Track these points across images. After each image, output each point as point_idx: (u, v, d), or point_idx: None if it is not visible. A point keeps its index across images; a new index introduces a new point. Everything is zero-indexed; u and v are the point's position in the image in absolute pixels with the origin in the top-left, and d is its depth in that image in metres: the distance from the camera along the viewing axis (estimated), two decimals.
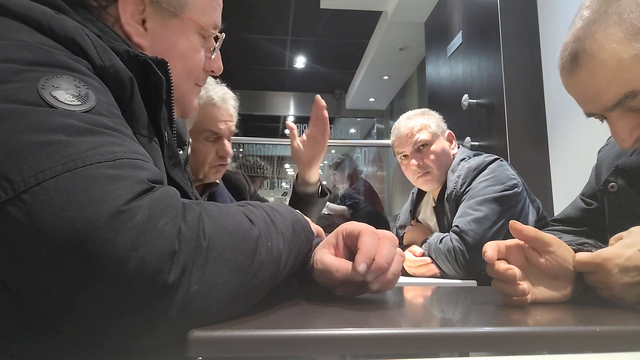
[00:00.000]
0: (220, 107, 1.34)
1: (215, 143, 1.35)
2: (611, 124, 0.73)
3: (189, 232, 0.43)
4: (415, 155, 1.65)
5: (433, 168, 1.63)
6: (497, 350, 0.45)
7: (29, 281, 0.40)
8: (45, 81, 0.46)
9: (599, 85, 0.69)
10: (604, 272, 0.58)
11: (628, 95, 0.67)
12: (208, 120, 1.32)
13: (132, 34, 0.67)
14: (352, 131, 7.47)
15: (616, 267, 0.57)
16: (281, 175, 8.74)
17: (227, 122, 1.36)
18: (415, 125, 1.65)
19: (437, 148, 1.64)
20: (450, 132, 1.71)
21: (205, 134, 1.32)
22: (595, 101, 0.71)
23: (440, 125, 1.69)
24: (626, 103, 0.68)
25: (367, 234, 0.58)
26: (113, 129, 0.48)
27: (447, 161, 1.65)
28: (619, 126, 0.71)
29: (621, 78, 0.67)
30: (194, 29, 0.72)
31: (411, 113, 1.73)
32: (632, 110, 0.69)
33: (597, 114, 0.74)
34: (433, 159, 1.63)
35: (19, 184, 0.40)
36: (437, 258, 1.50)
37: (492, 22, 2.23)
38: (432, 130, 1.65)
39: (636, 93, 0.67)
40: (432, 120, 1.68)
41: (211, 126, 1.32)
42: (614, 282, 0.58)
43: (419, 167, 1.64)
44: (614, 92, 0.68)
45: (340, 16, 4.41)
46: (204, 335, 0.42)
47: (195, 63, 0.74)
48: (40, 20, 0.51)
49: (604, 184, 0.85)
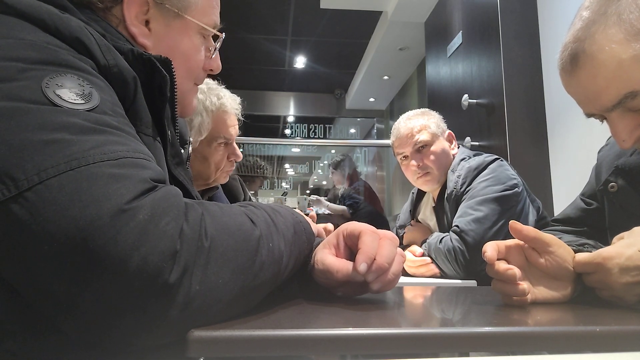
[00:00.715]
0: (230, 112, 1.36)
1: (227, 148, 1.37)
2: (611, 124, 0.73)
3: (191, 232, 0.43)
4: (415, 155, 1.65)
5: (433, 168, 1.63)
6: (497, 350, 0.45)
7: (31, 279, 0.41)
8: (50, 80, 0.46)
9: (599, 86, 0.69)
10: (604, 271, 0.58)
11: (628, 95, 0.67)
12: (221, 127, 1.34)
13: (137, 35, 0.67)
14: (352, 131, 7.47)
15: (616, 267, 0.57)
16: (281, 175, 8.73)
17: (236, 126, 1.39)
18: (415, 125, 1.65)
19: (437, 148, 1.64)
20: (450, 132, 1.71)
21: (220, 140, 1.34)
22: (595, 102, 0.71)
23: (440, 126, 1.69)
24: (626, 103, 0.68)
25: (367, 234, 0.58)
26: (117, 128, 0.48)
27: (447, 161, 1.65)
28: (619, 127, 0.71)
29: (621, 78, 0.67)
30: (195, 29, 0.73)
31: (411, 113, 1.73)
32: (632, 110, 0.69)
33: (597, 115, 0.74)
34: (433, 160, 1.63)
35: (22, 182, 0.40)
36: (437, 258, 1.50)
37: (492, 22, 2.23)
38: (432, 130, 1.65)
39: (636, 94, 0.67)
40: (432, 120, 1.68)
41: (225, 132, 1.34)
42: (614, 282, 0.58)
43: (419, 168, 1.64)
44: (613, 92, 0.68)
45: (340, 16, 4.41)
46: (205, 335, 0.42)
47: (196, 63, 0.75)
48: (45, 20, 0.52)
49: (604, 184, 0.85)
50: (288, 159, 8.63)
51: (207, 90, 1.33)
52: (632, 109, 0.69)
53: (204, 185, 1.38)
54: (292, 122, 7.19)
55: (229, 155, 1.37)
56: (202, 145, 1.31)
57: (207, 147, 1.32)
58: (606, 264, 0.58)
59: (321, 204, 3.89)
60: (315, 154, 8.21)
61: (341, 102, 6.75)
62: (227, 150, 1.37)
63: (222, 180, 1.41)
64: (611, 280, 0.58)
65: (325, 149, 7.96)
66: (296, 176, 8.71)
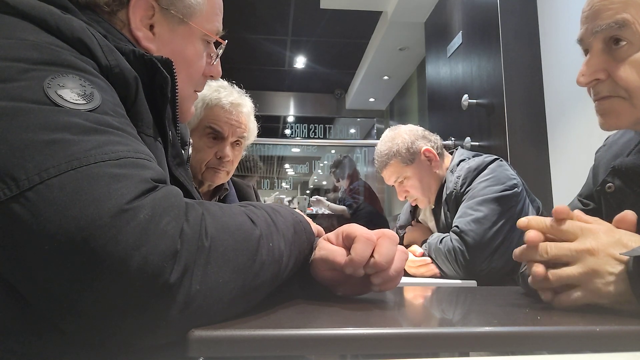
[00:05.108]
0: (226, 108, 1.35)
1: (216, 143, 1.35)
2: (588, 56, 0.75)
3: (191, 232, 0.44)
4: (399, 189, 1.70)
5: (418, 195, 1.67)
6: (497, 350, 0.45)
7: (32, 279, 0.41)
8: (51, 80, 0.46)
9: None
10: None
11: (618, 22, 0.70)
12: (211, 118, 1.33)
13: (141, 39, 0.68)
14: (352, 131, 7.47)
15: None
16: (281, 175, 8.73)
17: (233, 125, 1.36)
18: (387, 163, 1.66)
19: (415, 178, 1.65)
20: (426, 149, 1.64)
21: (206, 130, 1.33)
22: (595, 18, 0.73)
23: (412, 149, 1.63)
24: (611, 32, 0.71)
25: (361, 242, 0.58)
26: (118, 128, 0.48)
27: (430, 180, 1.66)
28: (590, 61, 0.74)
29: (623, 3, 0.69)
30: (198, 35, 0.74)
31: (380, 148, 1.69)
32: (610, 53, 0.72)
33: (585, 41, 0.76)
34: (415, 188, 1.66)
35: (23, 181, 0.40)
36: (437, 258, 1.50)
37: (492, 22, 2.23)
38: (402, 164, 1.63)
39: (622, 23, 0.70)
40: (401, 150, 1.63)
41: (212, 123, 1.33)
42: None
43: (406, 198, 1.71)
44: (609, 14, 0.71)
45: (340, 16, 4.40)
46: (205, 335, 0.42)
47: (197, 69, 0.76)
48: (47, 20, 0.52)
49: (601, 184, 0.85)
50: (288, 159, 8.63)
51: (216, 87, 1.35)
52: (612, 49, 0.72)
53: (201, 184, 1.38)
54: (292, 122, 7.20)
55: (217, 152, 1.34)
56: (193, 136, 1.32)
57: (196, 137, 1.33)
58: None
59: (321, 204, 3.89)
60: (315, 154, 8.21)
61: (341, 102, 6.75)
62: (216, 147, 1.35)
63: (209, 179, 1.37)
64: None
65: (325, 149, 7.96)
66: (296, 176, 8.72)
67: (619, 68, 0.72)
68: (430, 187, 1.66)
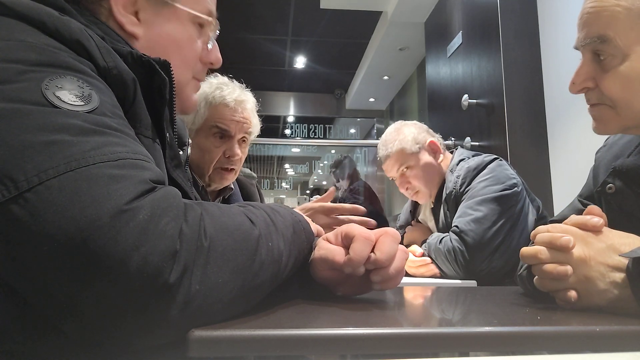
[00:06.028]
0: (230, 106, 1.32)
1: (224, 142, 1.33)
2: (579, 65, 0.78)
3: (190, 232, 0.44)
4: (400, 180, 1.69)
5: (420, 186, 1.66)
6: (497, 350, 0.45)
7: (31, 280, 0.41)
8: (49, 81, 0.46)
9: (597, 11, 0.72)
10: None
11: (600, 37, 0.72)
12: (216, 117, 1.31)
13: (125, 24, 0.66)
14: (352, 131, 7.48)
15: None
16: (281, 175, 8.74)
17: (240, 122, 1.34)
18: (392, 153, 1.66)
19: (419, 167, 1.64)
20: (431, 141, 1.67)
21: (212, 130, 1.30)
22: (588, 27, 0.75)
23: (418, 139, 1.65)
24: (594, 46, 0.74)
25: (359, 241, 0.58)
26: (116, 129, 0.48)
27: (434, 173, 1.66)
28: (581, 69, 0.77)
29: (605, 19, 0.71)
30: (187, 17, 0.72)
31: (386, 137, 1.71)
32: (599, 62, 0.75)
33: (578, 49, 0.78)
34: (418, 179, 1.65)
35: (22, 183, 0.40)
36: (437, 258, 1.50)
37: (492, 22, 2.23)
38: (408, 151, 1.64)
39: (603, 39, 0.72)
40: (407, 138, 1.65)
41: (218, 122, 1.30)
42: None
43: (407, 190, 1.69)
44: (594, 29, 0.73)
45: (340, 16, 4.41)
46: (205, 335, 0.42)
47: (191, 52, 0.73)
48: (45, 22, 0.52)
49: (602, 185, 0.84)
50: (288, 159, 8.63)
51: (217, 84, 1.33)
52: (599, 61, 0.74)
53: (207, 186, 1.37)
54: (292, 122, 7.20)
55: (225, 150, 1.32)
56: (199, 137, 1.30)
57: (203, 138, 1.30)
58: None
59: None
60: (315, 154, 8.21)
61: (341, 102, 6.75)
62: (224, 146, 1.32)
63: (217, 182, 1.35)
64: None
65: (325, 149, 7.96)
66: (296, 176, 8.72)
67: (604, 78, 0.75)
68: (433, 179, 1.66)
